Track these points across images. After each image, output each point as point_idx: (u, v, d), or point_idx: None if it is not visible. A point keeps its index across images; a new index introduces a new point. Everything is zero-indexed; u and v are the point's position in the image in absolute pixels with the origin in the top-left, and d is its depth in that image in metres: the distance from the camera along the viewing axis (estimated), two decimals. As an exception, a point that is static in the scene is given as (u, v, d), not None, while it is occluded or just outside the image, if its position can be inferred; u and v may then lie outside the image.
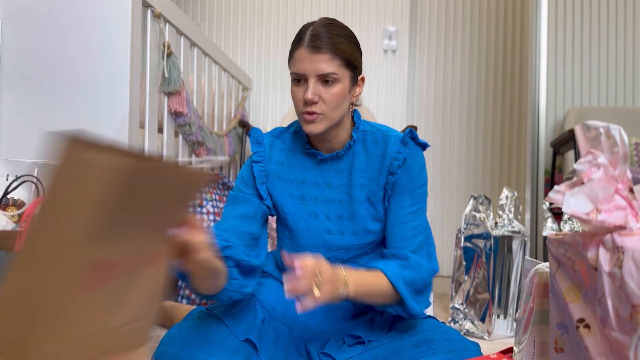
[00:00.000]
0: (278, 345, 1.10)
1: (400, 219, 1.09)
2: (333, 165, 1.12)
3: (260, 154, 1.14)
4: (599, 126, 0.76)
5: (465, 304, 1.78)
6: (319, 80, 1.02)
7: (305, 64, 1.02)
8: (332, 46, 1.01)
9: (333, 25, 1.05)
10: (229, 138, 2.48)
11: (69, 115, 1.48)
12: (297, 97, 1.05)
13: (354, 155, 1.12)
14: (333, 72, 1.01)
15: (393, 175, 1.09)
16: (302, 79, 1.04)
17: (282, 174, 1.14)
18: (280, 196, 1.13)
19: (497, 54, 3.16)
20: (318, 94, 1.02)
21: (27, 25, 1.49)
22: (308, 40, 1.02)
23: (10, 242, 0.86)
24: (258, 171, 1.13)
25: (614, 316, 0.70)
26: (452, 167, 3.19)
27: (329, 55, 1.01)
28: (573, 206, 0.74)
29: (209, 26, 3.26)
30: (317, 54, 1.00)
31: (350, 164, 1.12)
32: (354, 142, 1.11)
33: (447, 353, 1.02)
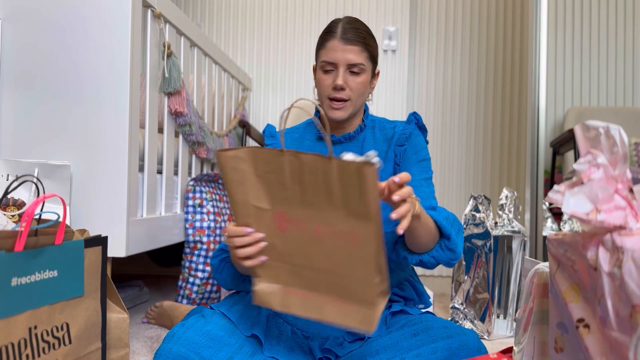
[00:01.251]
0: (281, 341, 1.11)
1: (414, 182, 1.17)
2: (344, 149, 1.22)
3: (274, 145, 1.24)
4: (598, 126, 0.76)
5: (465, 303, 1.78)
6: (348, 69, 1.13)
7: (338, 54, 1.12)
8: (362, 40, 1.13)
9: (360, 22, 1.17)
10: (229, 138, 2.48)
11: (69, 115, 1.48)
12: (326, 84, 1.14)
13: (364, 139, 1.22)
14: (361, 63, 1.13)
15: (401, 146, 1.19)
16: (333, 68, 1.13)
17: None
18: None
19: (497, 54, 3.16)
20: (346, 82, 1.13)
21: (27, 25, 1.49)
22: (341, 32, 1.13)
23: (10, 242, 0.86)
24: None
25: (613, 316, 0.70)
26: (452, 167, 3.19)
27: (360, 48, 1.12)
28: (573, 206, 0.74)
29: (209, 26, 3.26)
30: (349, 45, 1.11)
31: (361, 147, 1.21)
32: (365, 127, 1.23)
33: (445, 339, 1.03)
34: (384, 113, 3.13)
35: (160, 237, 1.74)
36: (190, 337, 1.01)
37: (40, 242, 0.92)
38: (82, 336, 1.02)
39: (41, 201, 0.89)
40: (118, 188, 1.47)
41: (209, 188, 2.07)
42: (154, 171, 1.70)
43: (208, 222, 2.00)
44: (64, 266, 0.97)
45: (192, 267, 1.98)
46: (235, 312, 1.11)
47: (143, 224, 1.59)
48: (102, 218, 1.47)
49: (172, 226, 1.87)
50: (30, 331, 0.89)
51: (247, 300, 1.15)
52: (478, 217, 1.80)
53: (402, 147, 1.19)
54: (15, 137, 1.50)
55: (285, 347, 1.10)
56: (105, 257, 1.10)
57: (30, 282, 0.89)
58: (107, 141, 1.47)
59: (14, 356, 0.85)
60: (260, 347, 1.06)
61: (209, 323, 1.07)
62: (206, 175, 2.05)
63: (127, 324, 1.18)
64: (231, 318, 1.09)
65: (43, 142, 1.49)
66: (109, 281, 1.16)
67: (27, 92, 1.50)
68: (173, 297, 2.19)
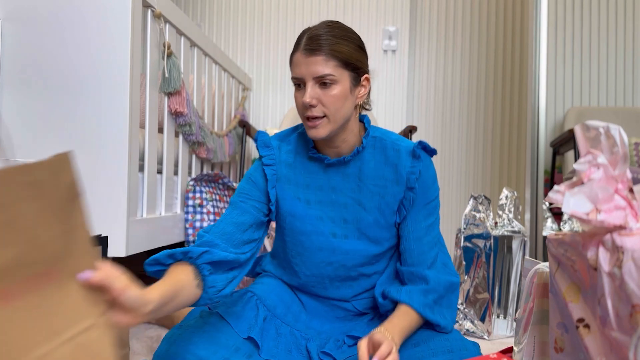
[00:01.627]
0: (279, 344, 1.10)
1: (417, 233, 1.11)
2: (340, 170, 1.12)
3: (271, 157, 1.13)
4: (598, 126, 0.76)
5: (465, 303, 1.78)
6: (317, 83, 1.01)
7: (302, 68, 1.01)
8: (327, 47, 1.00)
9: (333, 27, 1.04)
10: (229, 138, 2.48)
11: (68, 115, 1.48)
12: (298, 102, 1.04)
13: (363, 161, 1.11)
14: (329, 74, 1.00)
15: (412, 190, 1.09)
16: (302, 83, 1.03)
17: (291, 177, 1.13)
18: (290, 200, 1.13)
19: (497, 54, 3.16)
20: (316, 97, 1.01)
21: (27, 25, 1.49)
22: (304, 43, 1.01)
23: (11, 242, 0.86)
24: (271, 174, 1.12)
25: (613, 316, 0.70)
26: (452, 167, 3.19)
27: (324, 57, 1.00)
28: (573, 206, 0.74)
29: (209, 26, 3.26)
30: (312, 56, 1.00)
31: (359, 169, 1.11)
32: (363, 149, 1.10)
33: (446, 353, 1.02)
34: (384, 113, 3.14)
35: (160, 237, 1.74)
36: (187, 339, 1.02)
37: (40, 242, 0.92)
38: (82, 336, 1.02)
39: (41, 201, 0.89)
40: (118, 188, 1.47)
41: (209, 188, 2.07)
42: (154, 171, 1.70)
43: (208, 222, 2.00)
44: (64, 266, 0.96)
45: (192, 267, 1.98)
46: (232, 313, 1.10)
47: (143, 224, 1.59)
48: (102, 218, 1.47)
49: (172, 226, 1.87)
50: (30, 331, 0.89)
51: (244, 301, 1.15)
52: (478, 217, 1.80)
53: (413, 192, 1.09)
54: (15, 137, 1.50)
55: (283, 349, 1.10)
56: (105, 256, 1.10)
57: (30, 282, 0.89)
58: (107, 141, 1.47)
59: (14, 356, 0.85)
60: (257, 349, 1.06)
61: (206, 324, 1.07)
62: (206, 175, 2.05)
63: (127, 324, 1.18)
64: (228, 320, 1.08)
65: (43, 142, 1.49)
66: (109, 281, 1.16)
67: (27, 91, 1.50)
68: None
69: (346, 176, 1.11)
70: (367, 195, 1.10)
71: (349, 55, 1.02)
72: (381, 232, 1.12)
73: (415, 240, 1.11)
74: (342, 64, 1.01)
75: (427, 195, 1.11)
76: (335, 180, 1.12)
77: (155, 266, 0.96)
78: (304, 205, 1.12)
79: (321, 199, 1.12)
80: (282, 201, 1.13)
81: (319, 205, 1.12)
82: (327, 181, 1.12)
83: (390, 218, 1.11)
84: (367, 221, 1.11)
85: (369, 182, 1.10)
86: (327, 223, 1.12)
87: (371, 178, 1.10)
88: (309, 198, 1.13)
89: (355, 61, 1.04)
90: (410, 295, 1.07)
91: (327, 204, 1.12)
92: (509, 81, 3.16)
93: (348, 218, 1.12)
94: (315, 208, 1.13)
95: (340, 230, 1.13)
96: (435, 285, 1.08)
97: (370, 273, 1.17)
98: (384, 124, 3.12)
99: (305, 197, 1.13)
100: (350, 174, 1.11)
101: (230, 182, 2.20)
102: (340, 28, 1.04)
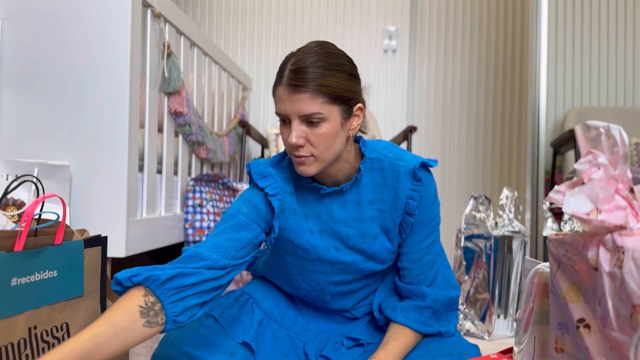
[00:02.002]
0: (275, 347, 1.10)
1: (417, 254, 1.07)
2: (337, 198, 1.05)
3: (274, 187, 1.04)
4: (599, 126, 0.76)
5: (466, 304, 1.78)
6: (303, 121, 0.92)
7: (286, 105, 0.92)
8: (313, 83, 0.90)
9: (319, 54, 0.93)
10: (229, 138, 2.48)
11: (68, 115, 1.48)
12: (284, 137, 0.96)
13: (360, 186, 1.05)
14: (316, 112, 0.91)
15: (411, 215, 1.04)
16: (287, 119, 0.95)
17: (296, 208, 1.07)
18: (299, 232, 1.06)
19: (497, 54, 3.16)
20: (303, 136, 0.93)
21: (27, 25, 1.49)
22: (287, 77, 0.91)
23: (10, 242, 0.86)
24: (277, 205, 1.03)
25: (614, 316, 0.70)
26: (452, 167, 3.19)
27: (310, 94, 0.90)
28: (573, 206, 0.74)
29: (209, 26, 3.26)
30: (297, 94, 0.90)
31: (357, 195, 1.05)
32: (361, 175, 1.04)
33: (446, 357, 1.01)
34: (384, 113, 3.13)
35: (160, 237, 1.74)
36: (182, 342, 1.02)
37: (40, 242, 0.92)
38: (82, 336, 1.02)
39: (41, 201, 0.89)
40: (118, 188, 1.47)
41: (209, 188, 2.07)
42: (154, 171, 1.70)
43: (208, 222, 2.00)
44: (64, 266, 0.96)
45: (192, 267, 1.98)
46: (227, 317, 1.09)
47: (143, 224, 1.59)
48: (102, 218, 1.47)
49: (172, 226, 1.87)
50: (30, 331, 0.89)
51: (240, 304, 1.14)
52: (478, 217, 1.80)
53: (413, 218, 1.03)
54: (15, 137, 1.50)
55: (280, 352, 1.09)
56: (105, 257, 1.10)
57: (30, 282, 0.89)
58: (107, 141, 1.47)
59: (14, 356, 0.85)
60: (252, 353, 1.05)
61: (202, 326, 1.06)
62: (206, 175, 2.05)
63: (127, 324, 1.18)
64: (222, 324, 1.07)
65: (43, 142, 1.49)
66: (109, 281, 1.16)
67: (27, 92, 1.50)
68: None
69: (344, 204, 1.05)
70: (368, 222, 1.05)
71: (339, 88, 0.92)
72: (387, 255, 1.09)
73: (415, 261, 1.07)
74: (331, 99, 0.92)
75: (428, 216, 1.05)
76: (333, 209, 1.05)
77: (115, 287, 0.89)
78: (309, 235, 1.06)
79: (322, 229, 1.06)
80: (285, 231, 1.07)
81: (320, 235, 1.07)
82: (325, 210, 1.05)
83: (395, 241, 1.08)
84: (374, 249, 1.07)
85: (368, 207, 1.05)
86: (332, 251, 1.07)
87: (369, 203, 1.05)
88: (311, 228, 1.06)
89: (346, 92, 0.94)
90: (406, 314, 1.05)
91: (329, 234, 1.07)
92: (509, 81, 3.16)
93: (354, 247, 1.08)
94: (318, 238, 1.07)
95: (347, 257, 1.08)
96: (433, 303, 1.06)
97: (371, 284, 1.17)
98: (384, 124, 3.12)
99: (307, 227, 1.07)
100: (348, 202, 1.05)
101: (230, 182, 2.20)
102: (328, 54, 0.94)
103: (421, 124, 3.21)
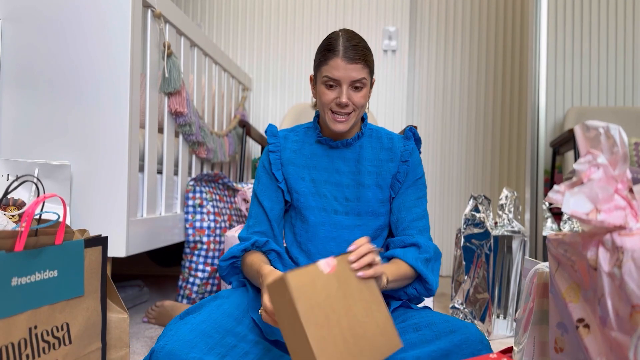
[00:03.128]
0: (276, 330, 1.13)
1: (408, 204, 1.25)
2: (342, 154, 1.27)
3: (275, 145, 1.29)
4: (598, 126, 0.76)
5: (465, 303, 1.78)
6: (351, 86, 1.17)
7: (341, 72, 1.16)
8: (363, 57, 1.17)
9: (358, 37, 1.20)
10: (229, 138, 2.48)
11: (68, 115, 1.48)
12: (329, 98, 1.18)
13: (361, 147, 1.28)
14: (363, 78, 1.17)
15: (405, 163, 1.26)
16: (336, 84, 1.18)
17: (294, 160, 1.28)
18: (293, 179, 1.27)
19: (497, 54, 3.16)
20: (349, 98, 1.18)
21: (27, 25, 1.49)
22: (343, 51, 1.16)
23: (10, 242, 0.86)
24: (274, 158, 1.28)
25: (613, 316, 0.70)
26: (452, 167, 3.19)
27: (362, 65, 1.17)
28: (573, 206, 0.74)
29: (209, 26, 3.26)
30: (352, 64, 1.16)
31: (358, 154, 1.27)
32: (362, 135, 1.28)
33: (449, 334, 1.04)
34: (384, 113, 3.13)
35: (160, 237, 1.74)
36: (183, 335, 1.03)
37: (40, 242, 0.92)
38: (82, 336, 1.02)
39: (41, 201, 0.89)
40: (118, 188, 1.47)
41: (209, 188, 2.07)
42: (154, 171, 1.70)
43: (208, 222, 2.00)
44: (64, 266, 0.97)
45: (192, 267, 1.98)
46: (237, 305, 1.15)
47: (143, 224, 1.59)
48: (102, 218, 1.47)
49: (172, 226, 1.88)
50: (30, 331, 0.89)
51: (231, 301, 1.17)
52: (478, 217, 1.80)
53: (406, 165, 1.26)
54: (15, 137, 1.50)
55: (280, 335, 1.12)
56: (105, 257, 1.10)
57: (30, 282, 0.89)
58: (107, 141, 1.47)
59: (14, 356, 0.85)
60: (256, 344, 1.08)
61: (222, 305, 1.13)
62: (206, 175, 2.05)
63: (127, 324, 1.19)
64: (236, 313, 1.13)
65: (43, 142, 1.49)
66: (109, 281, 1.16)
67: (27, 92, 1.50)
68: (173, 297, 2.18)
69: (347, 160, 1.27)
70: (365, 175, 1.26)
71: (373, 62, 1.21)
72: (379, 206, 1.26)
73: (406, 210, 1.25)
74: (370, 71, 1.20)
75: (416, 172, 1.27)
76: (338, 163, 1.27)
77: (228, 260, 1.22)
78: (309, 184, 1.27)
79: (326, 179, 1.27)
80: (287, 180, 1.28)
81: (324, 185, 1.27)
82: (331, 164, 1.27)
83: (387, 191, 1.26)
84: (366, 197, 1.25)
85: (367, 163, 1.26)
86: (331, 201, 1.26)
87: (368, 160, 1.27)
88: (314, 177, 1.27)
89: (374, 68, 1.22)
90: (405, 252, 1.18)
91: (331, 184, 1.27)
92: (509, 81, 3.16)
93: (350, 196, 1.26)
94: (320, 186, 1.27)
95: (341, 207, 1.25)
96: (426, 247, 1.19)
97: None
98: (384, 124, 3.12)
99: (310, 177, 1.27)
100: (350, 159, 1.27)
101: (230, 182, 2.20)
102: (362, 39, 1.21)
103: (421, 124, 3.21)
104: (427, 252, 1.19)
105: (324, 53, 1.19)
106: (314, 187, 1.27)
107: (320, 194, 1.26)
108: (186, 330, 1.02)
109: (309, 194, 1.26)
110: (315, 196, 1.26)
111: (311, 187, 1.27)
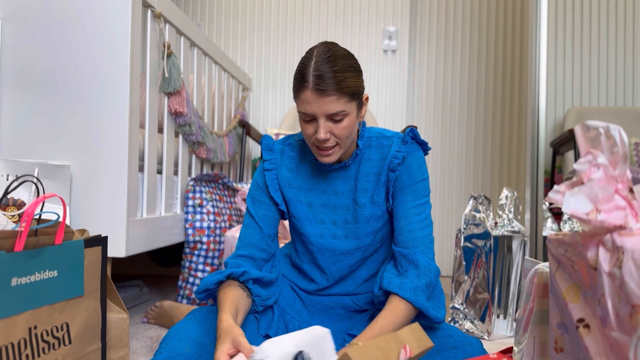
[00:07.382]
0: None
1: (404, 212, 1.14)
2: (341, 173, 1.18)
3: (272, 162, 1.20)
4: (598, 126, 0.76)
5: (465, 303, 1.78)
6: (328, 119, 1.05)
7: (314, 106, 1.04)
8: (336, 86, 1.02)
9: (334, 57, 1.05)
10: (229, 138, 2.48)
11: (69, 115, 1.48)
12: (308, 133, 1.09)
13: (360, 162, 1.18)
14: (341, 110, 1.04)
15: (393, 171, 1.14)
16: (312, 118, 1.07)
17: (292, 181, 1.20)
18: (292, 203, 1.20)
19: (497, 54, 3.16)
20: (329, 131, 1.06)
21: (27, 25, 1.49)
22: (313, 83, 1.03)
23: (10, 242, 0.86)
24: (270, 179, 1.19)
25: (613, 316, 0.70)
26: (452, 167, 3.19)
27: (335, 96, 1.03)
28: (573, 206, 0.74)
29: (209, 26, 3.26)
30: (324, 97, 1.02)
31: (357, 170, 1.18)
32: (360, 151, 1.18)
33: (450, 350, 1.03)
34: (384, 113, 3.13)
35: (160, 237, 1.74)
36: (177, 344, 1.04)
37: (40, 242, 0.92)
38: (82, 336, 1.02)
39: (41, 201, 0.89)
40: (118, 188, 1.47)
41: (209, 188, 2.07)
42: (154, 171, 1.70)
43: (208, 222, 2.00)
44: (64, 266, 0.97)
45: (192, 267, 1.98)
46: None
47: (143, 224, 1.59)
48: (102, 218, 1.47)
49: (172, 226, 1.87)
50: (30, 331, 0.89)
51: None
52: (478, 217, 1.80)
53: (395, 173, 1.14)
54: (15, 137, 1.50)
55: None
56: (105, 257, 1.10)
57: (30, 282, 0.89)
58: (107, 141, 1.47)
59: (14, 356, 0.85)
60: None
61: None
62: (206, 175, 2.05)
63: (127, 324, 1.18)
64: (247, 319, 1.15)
65: (43, 142, 1.49)
66: (109, 281, 1.16)
67: (27, 92, 1.50)
68: (173, 297, 2.18)
69: (347, 179, 1.18)
70: (360, 193, 1.17)
71: (354, 86, 1.06)
72: (377, 223, 1.18)
73: (404, 218, 1.13)
74: (350, 97, 1.05)
75: (414, 177, 1.14)
76: (337, 183, 1.18)
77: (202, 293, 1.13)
78: (306, 207, 1.19)
79: (325, 202, 1.19)
80: (287, 203, 1.21)
81: (322, 209, 1.19)
82: (330, 185, 1.18)
83: (383, 205, 1.17)
84: (363, 217, 1.17)
85: (363, 179, 1.17)
86: (329, 226, 1.19)
87: (365, 175, 1.17)
88: (311, 201, 1.19)
89: (358, 88, 1.07)
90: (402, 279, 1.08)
91: (329, 207, 1.19)
92: (509, 81, 3.16)
93: (349, 219, 1.18)
94: (318, 211, 1.19)
95: (341, 231, 1.19)
96: (426, 270, 1.08)
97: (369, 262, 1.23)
98: (384, 124, 3.12)
99: (307, 200, 1.19)
100: (350, 176, 1.18)
101: (230, 182, 2.20)
102: (340, 56, 1.05)
103: (421, 124, 3.21)
104: (427, 275, 1.08)
105: (295, 83, 1.07)
106: (312, 212, 1.19)
107: (318, 220, 1.19)
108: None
109: (306, 220, 1.19)
110: (313, 222, 1.19)
111: (308, 212, 1.19)
